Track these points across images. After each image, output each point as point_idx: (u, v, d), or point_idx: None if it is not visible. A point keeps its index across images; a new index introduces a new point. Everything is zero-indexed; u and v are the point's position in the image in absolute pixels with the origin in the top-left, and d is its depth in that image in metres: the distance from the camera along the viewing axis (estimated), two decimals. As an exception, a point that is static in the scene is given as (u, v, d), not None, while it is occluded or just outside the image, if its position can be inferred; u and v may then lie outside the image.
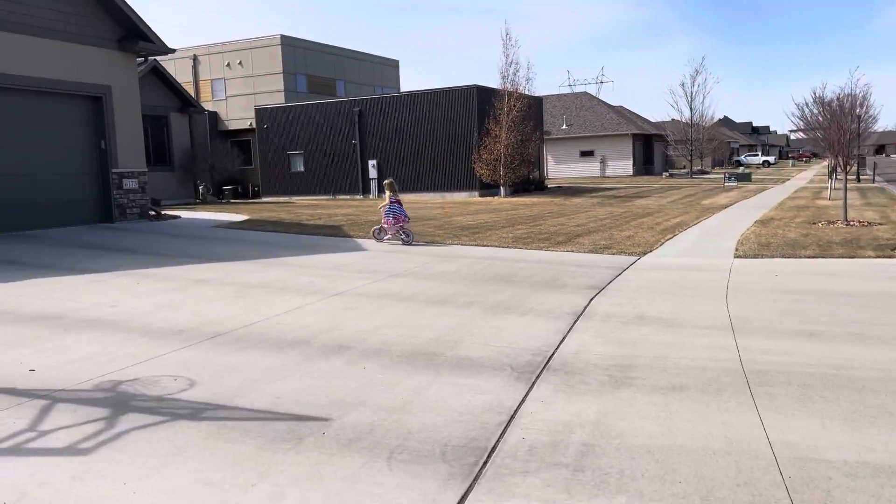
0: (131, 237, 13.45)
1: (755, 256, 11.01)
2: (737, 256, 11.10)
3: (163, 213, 17.49)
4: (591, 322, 6.87)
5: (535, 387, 4.94)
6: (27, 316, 6.91)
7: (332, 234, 13.96)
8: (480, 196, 28.04)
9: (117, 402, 4.56)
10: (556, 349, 5.89)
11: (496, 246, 12.43)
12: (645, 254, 11.58)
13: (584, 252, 11.76)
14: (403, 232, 12.68)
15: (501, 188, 28.07)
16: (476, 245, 12.54)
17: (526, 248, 12.17)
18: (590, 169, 52.02)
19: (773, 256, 10.97)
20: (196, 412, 4.40)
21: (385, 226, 12.77)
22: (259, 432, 4.09)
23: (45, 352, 5.68)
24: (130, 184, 15.37)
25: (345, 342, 6.03)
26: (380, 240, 12.81)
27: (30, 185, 13.76)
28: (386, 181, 13.17)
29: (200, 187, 29.40)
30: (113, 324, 6.63)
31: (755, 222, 16.24)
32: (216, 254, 11.42)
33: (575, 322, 6.84)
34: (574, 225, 16.16)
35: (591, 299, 7.93)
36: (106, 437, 3.99)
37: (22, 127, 13.62)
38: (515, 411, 4.46)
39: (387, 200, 12.74)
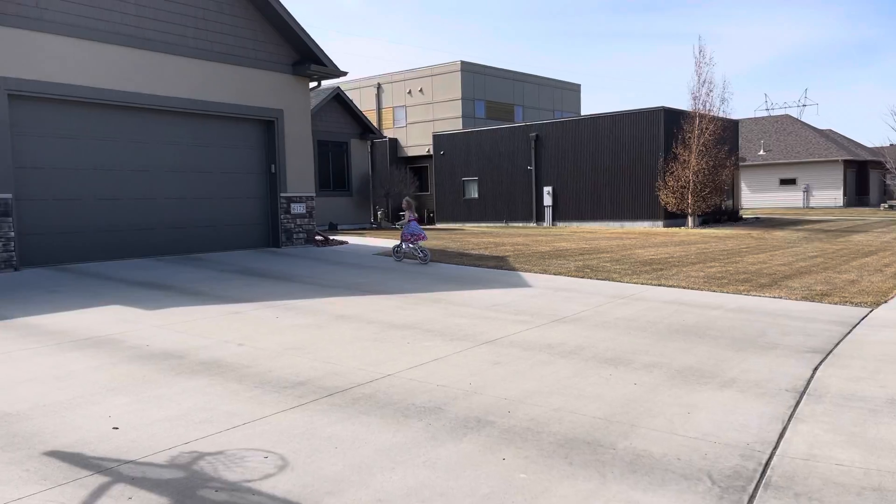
0: (291, 263, 13.11)
1: None
2: None
3: (330, 238, 17.29)
4: (822, 406, 5.04)
5: (747, 517, 3.36)
6: (147, 354, 6.32)
7: (496, 267, 12.77)
8: (665, 226, 25.71)
9: (184, 487, 3.59)
10: (775, 449, 4.21)
11: (683, 287, 10.60)
12: (878, 304, 9.25)
13: (796, 299, 9.63)
14: (421, 250, 12.85)
15: (689, 218, 25.58)
16: (659, 284, 10.79)
17: (721, 291, 10.23)
18: (791, 199, 47.05)
19: None
20: (269, 516, 3.31)
21: (404, 241, 13.06)
22: (339, 563, 2.89)
23: (141, 403, 4.92)
24: (298, 208, 15.22)
25: (484, 414, 4.74)
26: (399, 259, 13.11)
27: (202, 208, 13.93)
28: (405, 199, 13.63)
29: (379, 213, 29.68)
30: (230, 369, 5.83)
31: None
32: (368, 285, 10.63)
33: (797, 404, 5.06)
34: (778, 264, 13.78)
35: (816, 368, 6.04)
36: (142, 550, 2.99)
37: (196, 151, 13.84)
38: (720, 568, 2.92)
39: (406, 219, 13.15)
